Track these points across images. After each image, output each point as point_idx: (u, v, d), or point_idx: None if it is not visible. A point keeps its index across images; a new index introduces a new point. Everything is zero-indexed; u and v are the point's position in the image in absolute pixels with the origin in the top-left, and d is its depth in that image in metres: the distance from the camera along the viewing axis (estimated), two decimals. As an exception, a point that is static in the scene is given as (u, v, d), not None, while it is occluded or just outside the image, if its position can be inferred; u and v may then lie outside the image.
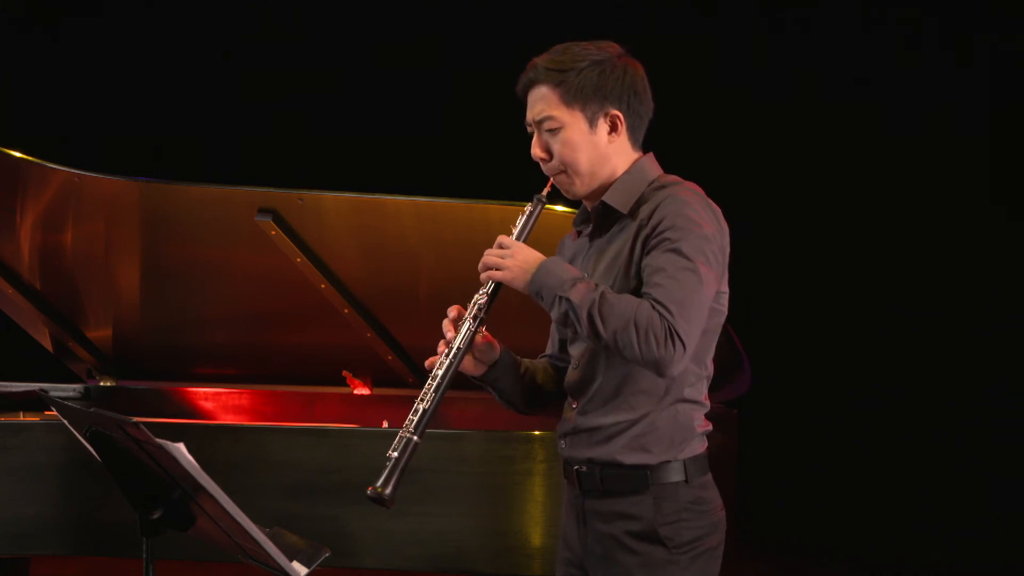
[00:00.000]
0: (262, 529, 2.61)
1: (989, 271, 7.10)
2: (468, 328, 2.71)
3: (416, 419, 2.68)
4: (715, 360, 2.81)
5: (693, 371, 2.73)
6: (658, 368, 2.59)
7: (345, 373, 4.84)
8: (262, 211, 4.35)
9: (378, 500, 2.65)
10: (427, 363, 2.74)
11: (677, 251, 2.61)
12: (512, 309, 2.99)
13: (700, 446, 2.75)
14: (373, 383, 4.87)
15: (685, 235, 2.62)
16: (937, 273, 7.14)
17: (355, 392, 4.88)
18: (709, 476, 2.77)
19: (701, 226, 2.65)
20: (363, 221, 4.39)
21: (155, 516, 2.68)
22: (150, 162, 6.63)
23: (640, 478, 2.70)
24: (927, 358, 7.15)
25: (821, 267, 7.27)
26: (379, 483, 2.64)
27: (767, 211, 7.18)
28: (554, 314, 2.67)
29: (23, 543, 4.16)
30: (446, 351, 2.71)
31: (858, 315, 7.29)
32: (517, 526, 3.91)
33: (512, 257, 2.69)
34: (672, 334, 2.56)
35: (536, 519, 3.90)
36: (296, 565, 2.67)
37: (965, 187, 7.13)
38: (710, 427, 2.79)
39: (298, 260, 4.45)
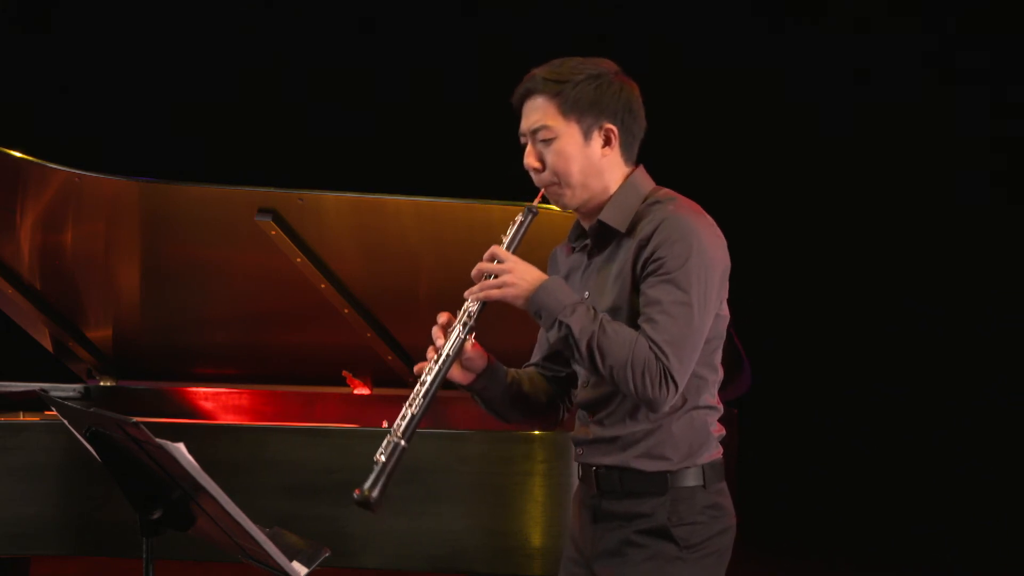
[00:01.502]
0: (262, 529, 2.60)
1: (989, 270, 7.10)
2: (458, 336, 2.72)
3: (405, 424, 2.68)
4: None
5: (707, 377, 2.76)
6: (650, 406, 2.67)
7: (345, 373, 4.83)
8: (262, 211, 4.35)
9: (364, 503, 2.64)
10: (416, 368, 2.75)
11: (673, 282, 2.65)
12: (503, 313, 2.96)
13: (716, 451, 2.79)
14: (373, 383, 4.87)
15: (683, 263, 2.65)
16: (936, 273, 7.14)
17: (355, 392, 4.88)
18: (724, 483, 2.80)
19: (702, 251, 2.67)
20: (363, 221, 4.39)
21: (155, 516, 2.68)
22: (150, 162, 6.62)
23: (660, 481, 2.73)
24: (927, 358, 7.15)
25: (819, 267, 7.27)
26: (366, 486, 2.64)
27: (766, 210, 7.18)
28: (551, 335, 2.69)
29: (23, 543, 4.16)
30: (435, 357, 2.72)
31: (858, 315, 7.30)
32: (517, 526, 3.91)
33: (510, 273, 2.70)
34: (666, 377, 2.62)
35: (536, 519, 3.90)
36: (296, 565, 2.67)
37: (967, 185, 7.12)
38: (724, 432, 2.81)
39: (298, 260, 4.45)
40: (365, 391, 4.87)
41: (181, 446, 2.50)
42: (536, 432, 3.92)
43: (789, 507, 7.13)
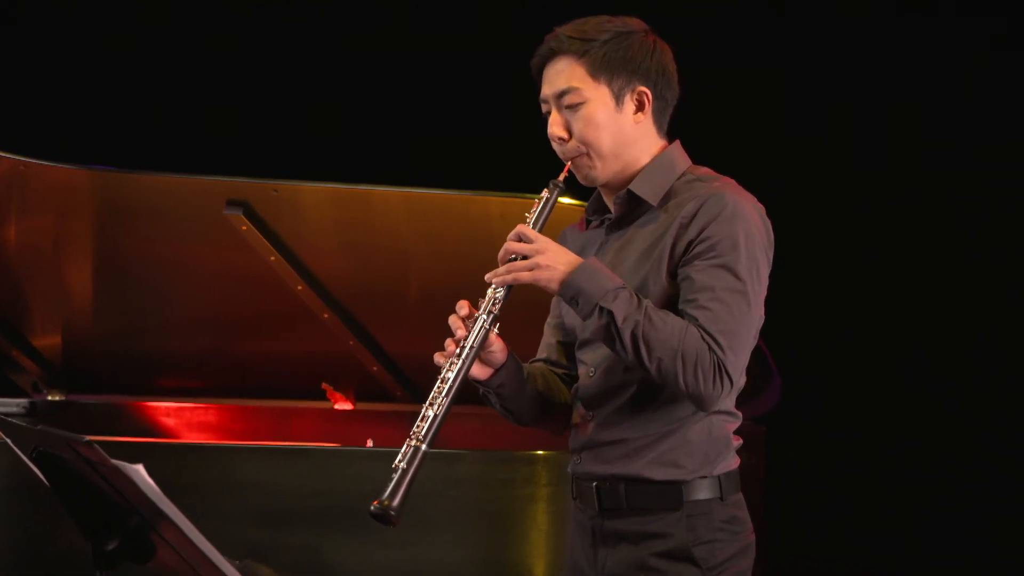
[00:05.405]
0: (231, 561, 2.57)
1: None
2: (482, 325, 2.67)
3: (426, 426, 2.63)
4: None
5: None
6: (700, 403, 2.63)
7: (325, 386, 4.87)
8: (232, 203, 4.36)
9: (383, 516, 2.58)
10: (436, 358, 2.70)
11: (728, 268, 2.63)
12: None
13: (734, 461, 2.76)
14: (356, 397, 4.92)
15: (737, 249, 2.64)
16: (952, 282, 7.17)
17: (336, 407, 4.93)
18: (741, 495, 2.77)
19: (751, 234, 2.66)
20: (346, 215, 4.40)
21: (110, 547, 2.65)
22: (107, 149, 6.61)
23: (672, 494, 2.69)
24: (953, 369, 7.18)
25: (852, 275, 7.30)
26: (385, 496, 2.58)
27: (793, 214, 7.18)
28: (590, 323, 2.65)
29: (-38, 577, 4.20)
30: (457, 351, 2.67)
31: (890, 326, 7.32)
32: (519, 556, 3.91)
33: (542, 254, 2.65)
34: (721, 371, 2.60)
35: (539, 548, 3.91)
36: (269, 601, 2.67)
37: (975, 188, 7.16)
38: (741, 441, 2.79)
39: (272, 259, 4.46)
40: (347, 406, 4.91)
41: (140, 468, 2.45)
42: (540, 452, 3.95)
43: (821, 531, 7.17)
